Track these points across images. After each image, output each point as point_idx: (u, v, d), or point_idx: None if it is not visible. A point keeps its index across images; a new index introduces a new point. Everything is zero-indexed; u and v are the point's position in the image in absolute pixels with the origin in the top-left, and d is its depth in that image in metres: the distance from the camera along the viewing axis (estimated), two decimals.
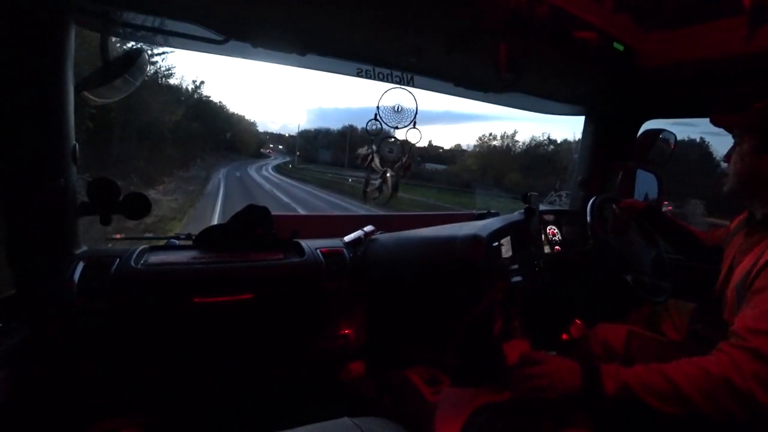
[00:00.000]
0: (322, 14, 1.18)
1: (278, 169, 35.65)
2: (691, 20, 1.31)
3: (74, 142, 1.18)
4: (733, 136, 1.15)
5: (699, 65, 1.37)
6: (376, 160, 1.67)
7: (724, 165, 1.19)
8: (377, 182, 1.71)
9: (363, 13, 1.15)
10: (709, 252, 1.40)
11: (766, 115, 1.07)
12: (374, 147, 1.65)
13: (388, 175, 1.69)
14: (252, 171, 29.03)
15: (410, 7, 1.10)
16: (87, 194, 1.22)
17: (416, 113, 1.59)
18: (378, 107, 1.57)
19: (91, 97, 1.20)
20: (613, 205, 1.62)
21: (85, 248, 1.28)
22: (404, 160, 1.66)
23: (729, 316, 1.01)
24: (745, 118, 1.12)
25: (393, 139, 1.64)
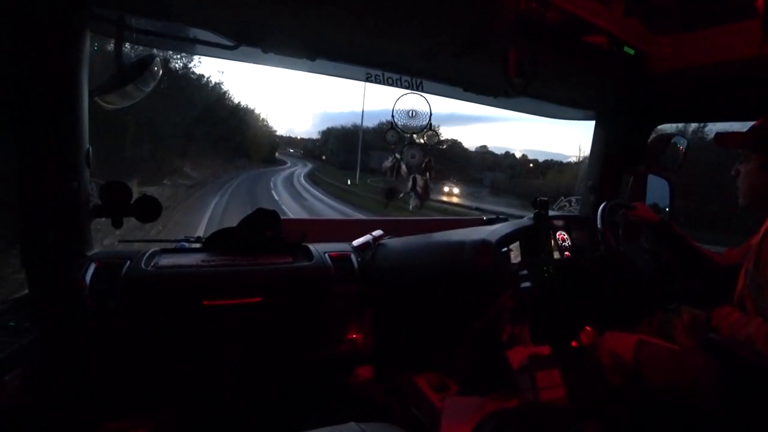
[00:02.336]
0: (331, 20, 1.19)
1: (325, 186, 20.43)
2: (703, 24, 1.30)
3: (88, 145, 1.20)
4: (740, 154, 1.25)
5: (710, 69, 1.35)
6: (404, 168, 1.68)
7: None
8: (410, 189, 1.73)
9: (373, 18, 1.16)
10: (724, 272, 1.38)
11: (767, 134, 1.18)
12: (398, 156, 1.67)
13: (419, 181, 1.71)
14: (282, 193, 16.38)
15: (420, 12, 1.10)
16: (99, 197, 1.24)
17: (431, 115, 1.60)
18: (393, 115, 1.58)
19: (104, 102, 1.22)
20: (622, 211, 1.60)
21: (97, 250, 1.30)
22: (426, 161, 1.68)
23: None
24: (748, 136, 1.23)
25: (413, 144, 1.66)
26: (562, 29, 1.14)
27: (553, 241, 1.70)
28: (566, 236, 1.76)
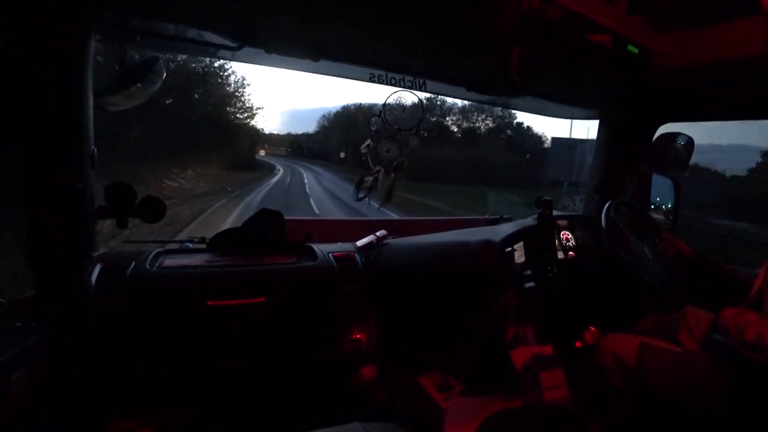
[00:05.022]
0: (335, 20, 1.19)
1: None
2: (707, 21, 1.29)
3: (93, 147, 1.20)
4: None
5: (715, 67, 1.34)
6: (369, 158, 1.61)
7: None
8: (369, 180, 1.64)
9: (376, 18, 1.16)
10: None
11: None
12: (370, 143, 1.60)
13: (380, 174, 1.63)
14: None
15: (423, 13, 1.10)
16: (104, 198, 1.24)
17: (421, 118, 1.58)
18: (384, 105, 1.56)
19: (108, 104, 1.23)
20: (657, 239, 1.61)
21: (102, 251, 1.31)
22: (399, 161, 1.61)
23: None
24: None
25: (392, 139, 1.60)
26: (565, 27, 1.14)
27: (557, 241, 1.70)
28: (570, 236, 1.76)
